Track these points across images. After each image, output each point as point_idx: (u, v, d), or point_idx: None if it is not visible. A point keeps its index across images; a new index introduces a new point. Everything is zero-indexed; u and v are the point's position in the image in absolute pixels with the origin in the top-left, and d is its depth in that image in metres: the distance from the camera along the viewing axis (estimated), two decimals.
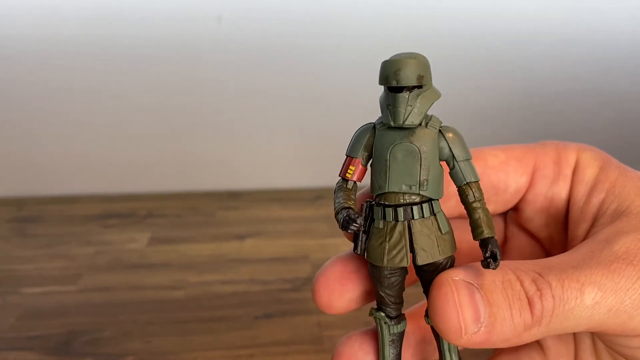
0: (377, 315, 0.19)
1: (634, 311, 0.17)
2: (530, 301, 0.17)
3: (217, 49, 0.74)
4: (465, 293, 0.17)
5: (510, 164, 0.22)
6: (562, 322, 0.17)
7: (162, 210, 0.71)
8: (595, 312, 0.17)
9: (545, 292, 0.17)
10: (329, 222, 0.66)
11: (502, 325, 0.17)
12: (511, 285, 0.17)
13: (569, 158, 0.22)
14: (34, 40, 0.72)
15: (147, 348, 0.40)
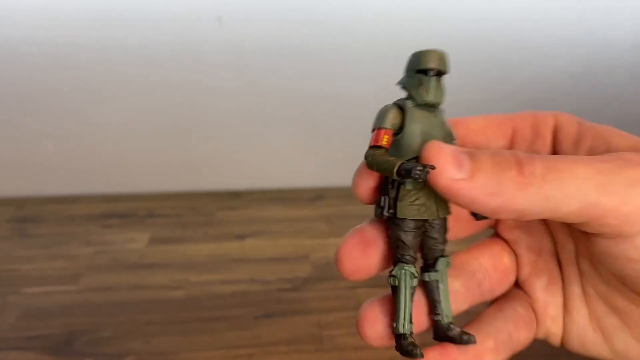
0: (401, 270, 0.21)
1: (626, 194, 0.18)
2: (519, 162, 0.18)
3: (217, 50, 0.75)
4: (452, 149, 0.19)
5: (489, 129, 0.24)
6: (554, 189, 0.18)
7: (162, 210, 0.71)
8: (586, 185, 0.18)
9: (535, 159, 0.18)
10: (328, 222, 0.66)
11: (484, 176, 0.18)
12: (500, 153, 0.19)
13: (547, 122, 0.24)
14: (34, 40, 0.72)
15: (147, 348, 0.40)
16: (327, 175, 0.82)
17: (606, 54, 0.82)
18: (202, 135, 0.78)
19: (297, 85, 0.78)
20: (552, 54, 0.81)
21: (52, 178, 0.77)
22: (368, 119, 0.26)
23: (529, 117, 0.24)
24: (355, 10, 0.75)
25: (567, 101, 0.84)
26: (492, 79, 0.81)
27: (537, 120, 0.24)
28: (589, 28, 0.80)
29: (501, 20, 0.78)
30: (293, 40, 0.75)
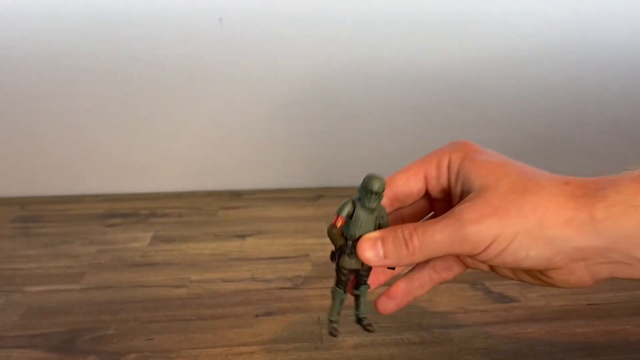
0: (336, 289, 0.34)
1: (461, 245, 0.29)
2: (406, 242, 0.31)
3: (218, 50, 0.75)
4: (370, 243, 0.31)
5: (410, 179, 0.34)
6: (428, 250, 0.30)
7: (164, 210, 0.72)
8: (443, 244, 0.30)
9: (413, 237, 0.30)
10: (329, 221, 0.66)
11: (391, 256, 0.31)
12: (396, 235, 0.31)
13: (444, 162, 0.33)
14: (37, 42, 0.72)
15: (149, 345, 0.40)
16: (328, 175, 0.82)
17: (605, 55, 0.82)
18: (203, 136, 0.79)
19: (298, 86, 0.78)
20: (552, 57, 0.81)
21: (55, 178, 0.78)
22: (368, 119, 0.27)
23: (434, 160, 0.34)
24: (357, 11, 0.76)
25: (567, 101, 0.84)
26: (493, 80, 0.81)
27: (439, 161, 0.34)
28: (589, 28, 0.80)
29: (501, 24, 0.79)
30: (294, 41, 0.76)
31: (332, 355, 0.39)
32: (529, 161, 0.35)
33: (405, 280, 0.36)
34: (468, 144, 0.34)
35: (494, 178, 0.30)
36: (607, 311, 0.45)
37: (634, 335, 0.42)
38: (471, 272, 0.52)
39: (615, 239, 0.28)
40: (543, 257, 0.29)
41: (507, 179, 0.30)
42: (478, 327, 0.43)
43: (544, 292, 0.48)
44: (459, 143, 0.34)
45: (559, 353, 0.39)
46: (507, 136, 0.84)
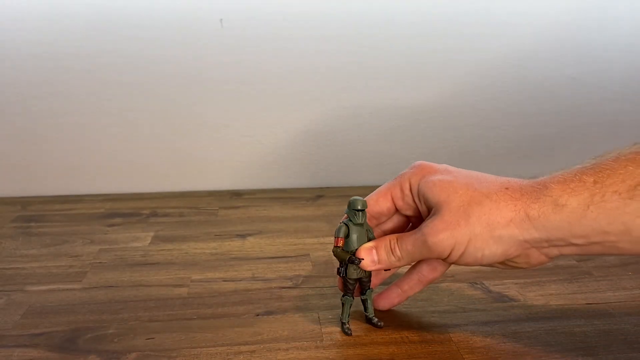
0: (346, 297, 0.42)
1: (430, 253, 0.37)
2: (393, 250, 0.39)
3: (218, 51, 0.75)
4: (367, 251, 0.40)
5: (380, 201, 0.42)
6: (408, 257, 0.39)
7: (165, 210, 0.72)
8: (415, 253, 0.38)
9: (395, 247, 0.39)
10: (329, 221, 0.67)
11: (383, 262, 0.40)
12: (385, 245, 0.40)
13: (406, 185, 0.41)
14: (37, 41, 0.72)
15: (150, 345, 0.41)
16: (328, 175, 0.83)
17: (604, 54, 0.82)
18: (204, 136, 0.79)
19: (298, 86, 0.78)
20: (551, 56, 0.81)
21: (56, 178, 0.78)
22: (369, 119, 0.27)
23: (397, 184, 0.41)
24: (357, 12, 0.76)
25: (566, 101, 0.84)
26: (493, 80, 0.81)
27: (401, 184, 0.41)
28: (588, 28, 0.80)
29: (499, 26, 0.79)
30: (294, 42, 0.76)
31: (332, 354, 0.39)
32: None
33: (397, 284, 0.44)
34: (423, 167, 0.41)
35: (445, 196, 0.37)
36: (606, 310, 0.45)
37: (633, 335, 0.42)
38: (471, 271, 0.52)
39: (549, 231, 0.35)
40: (497, 253, 0.36)
41: (455, 195, 0.37)
42: (477, 326, 0.43)
43: (543, 291, 0.49)
44: (415, 167, 0.41)
45: (558, 352, 0.39)
46: (506, 137, 0.84)
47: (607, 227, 0.34)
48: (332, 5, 0.75)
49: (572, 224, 0.34)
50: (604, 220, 0.34)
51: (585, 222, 0.34)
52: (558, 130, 0.84)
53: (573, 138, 0.85)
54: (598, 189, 0.34)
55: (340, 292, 0.43)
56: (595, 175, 0.34)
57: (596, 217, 0.34)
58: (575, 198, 0.34)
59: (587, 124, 0.85)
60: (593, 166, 0.35)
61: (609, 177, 0.34)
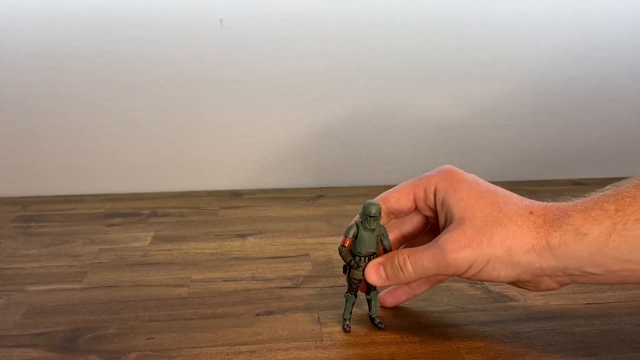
0: (349, 295, 0.43)
1: (447, 269, 0.37)
2: (401, 268, 0.39)
3: (218, 51, 0.75)
4: (375, 268, 0.40)
5: (401, 199, 0.42)
6: (421, 273, 0.38)
7: (165, 210, 0.72)
8: (431, 269, 0.38)
9: (407, 263, 0.38)
10: (328, 221, 0.67)
11: (391, 279, 0.40)
12: (393, 262, 0.39)
13: (431, 187, 0.40)
14: (37, 41, 0.72)
15: (150, 344, 0.41)
16: (328, 175, 0.83)
17: (604, 54, 0.82)
18: (204, 136, 0.79)
19: (299, 86, 0.78)
20: (551, 56, 0.81)
21: (56, 178, 0.78)
22: (368, 119, 0.27)
23: (422, 185, 0.41)
24: (357, 13, 0.76)
25: (566, 100, 0.84)
26: (493, 81, 0.81)
27: (426, 186, 0.40)
28: (587, 27, 0.80)
29: (498, 26, 0.79)
30: (293, 42, 0.76)
31: (332, 354, 0.39)
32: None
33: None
34: (453, 173, 0.40)
35: (471, 211, 0.37)
36: (605, 310, 0.45)
37: (633, 335, 0.42)
38: None
39: (568, 260, 0.35)
40: (512, 276, 0.37)
41: (480, 213, 0.37)
42: (477, 326, 0.43)
43: None
44: (445, 171, 0.41)
45: (558, 352, 0.39)
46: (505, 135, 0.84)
47: (629, 255, 0.33)
48: (332, 5, 0.75)
49: (593, 253, 0.34)
50: (626, 249, 0.33)
51: (607, 250, 0.34)
52: (558, 130, 0.84)
53: (573, 138, 0.85)
54: (620, 217, 0.34)
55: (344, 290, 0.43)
56: (617, 203, 0.34)
57: (618, 246, 0.33)
58: (597, 227, 0.34)
59: (587, 124, 0.85)
60: (614, 194, 0.35)
61: (631, 204, 0.34)
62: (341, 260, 0.41)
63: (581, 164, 0.86)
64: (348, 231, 0.40)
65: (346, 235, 0.40)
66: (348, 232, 0.40)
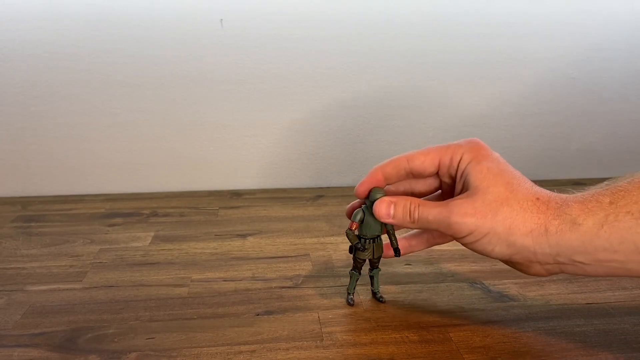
0: (353, 272, 0.46)
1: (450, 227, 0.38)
2: (410, 213, 0.40)
3: (218, 51, 0.75)
4: (387, 204, 0.41)
5: (426, 162, 0.42)
6: (424, 224, 0.40)
7: (165, 210, 0.72)
8: (433, 223, 0.39)
9: (416, 211, 0.40)
10: (329, 221, 0.67)
11: (399, 219, 0.41)
12: (404, 205, 0.41)
13: (456, 155, 0.41)
14: (37, 41, 0.72)
15: (150, 344, 0.41)
16: (328, 175, 0.83)
17: (604, 54, 0.82)
18: (204, 136, 0.79)
19: (299, 86, 0.78)
20: (551, 56, 0.81)
21: (56, 178, 0.78)
22: (368, 120, 0.27)
23: (449, 152, 0.42)
24: (358, 13, 0.76)
25: (566, 100, 0.84)
26: (494, 81, 0.81)
27: (453, 154, 0.42)
28: (587, 27, 0.80)
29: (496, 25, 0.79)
30: (294, 43, 0.76)
31: (332, 353, 0.39)
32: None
33: (405, 238, 0.47)
34: (479, 147, 0.42)
35: (486, 185, 0.39)
36: (605, 310, 0.45)
37: (633, 335, 0.42)
38: (471, 271, 0.52)
39: (561, 248, 0.37)
40: (505, 254, 0.38)
41: (494, 188, 0.38)
42: (477, 326, 0.43)
43: (543, 291, 0.49)
44: (473, 143, 0.42)
45: (558, 352, 0.39)
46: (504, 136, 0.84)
47: (618, 246, 0.35)
48: (332, 5, 0.75)
49: (585, 242, 0.36)
50: (616, 240, 0.35)
51: (597, 241, 0.35)
52: (558, 130, 0.85)
53: (573, 138, 0.85)
54: (612, 210, 0.35)
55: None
56: (611, 197, 0.36)
57: (608, 237, 0.35)
58: (592, 218, 0.36)
59: (587, 124, 0.85)
60: (610, 188, 0.37)
61: (623, 198, 0.36)
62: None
63: (581, 164, 0.86)
64: (355, 216, 0.43)
65: (353, 220, 0.43)
66: (355, 216, 0.43)
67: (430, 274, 0.52)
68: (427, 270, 0.53)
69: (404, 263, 0.54)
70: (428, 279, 0.51)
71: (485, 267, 0.53)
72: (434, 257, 0.56)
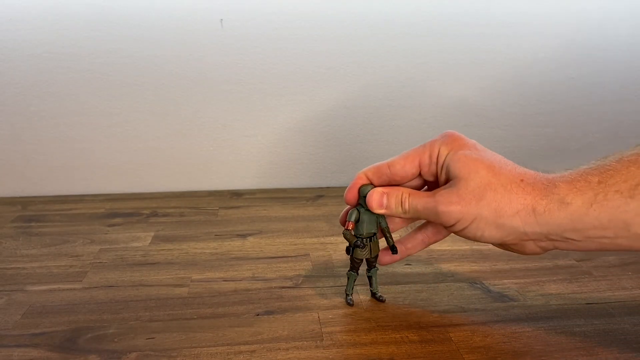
0: (351, 272, 0.46)
1: (437, 216, 0.39)
2: (402, 203, 0.41)
3: (218, 51, 0.75)
4: (379, 194, 0.42)
5: (406, 165, 0.42)
6: (417, 215, 0.41)
7: (165, 210, 0.72)
8: (422, 213, 0.40)
9: (405, 201, 0.41)
10: (328, 221, 0.67)
11: (391, 208, 0.42)
12: (396, 195, 0.42)
13: (434, 152, 0.42)
14: (38, 41, 0.72)
15: (150, 344, 0.41)
16: (328, 175, 0.83)
17: (604, 54, 0.82)
18: (204, 136, 0.79)
19: (299, 87, 0.78)
20: (551, 56, 0.81)
21: (56, 178, 0.78)
22: (368, 120, 0.27)
23: (427, 150, 0.42)
24: (358, 13, 0.76)
25: (566, 100, 0.84)
26: (497, 79, 0.81)
27: (431, 151, 0.42)
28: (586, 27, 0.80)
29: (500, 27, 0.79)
30: (293, 43, 0.76)
31: (332, 353, 0.39)
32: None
33: (400, 242, 0.46)
34: (455, 138, 0.42)
35: (466, 173, 0.39)
36: (605, 310, 0.45)
37: (633, 335, 0.42)
38: (471, 271, 0.52)
39: (551, 226, 0.37)
40: (496, 237, 0.39)
41: (475, 175, 0.39)
42: (477, 326, 0.43)
43: (543, 291, 0.49)
44: (448, 136, 0.42)
45: (558, 352, 0.39)
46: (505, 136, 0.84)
47: (608, 224, 0.36)
48: (332, 5, 0.75)
49: (574, 220, 0.36)
50: (605, 218, 0.35)
51: (587, 219, 0.36)
52: (558, 130, 0.85)
53: (573, 138, 0.85)
54: (601, 189, 0.36)
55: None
56: (600, 176, 0.37)
57: (598, 215, 0.36)
58: (580, 197, 0.36)
59: (587, 124, 0.85)
60: (598, 167, 0.38)
61: (612, 177, 0.36)
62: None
63: (581, 164, 0.86)
64: (350, 216, 0.44)
65: (349, 220, 0.44)
66: (350, 216, 0.43)
67: (430, 274, 0.52)
68: (427, 270, 0.53)
69: (403, 263, 0.54)
70: (428, 279, 0.51)
71: (485, 267, 0.53)
72: (434, 257, 0.56)
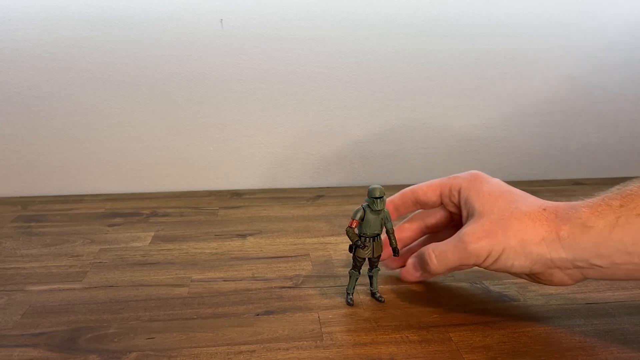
0: (353, 272, 0.46)
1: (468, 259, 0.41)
2: (426, 263, 0.44)
3: (218, 51, 0.75)
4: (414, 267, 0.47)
5: (428, 193, 0.47)
6: (446, 266, 0.43)
7: (165, 210, 0.72)
8: (454, 260, 0.42)
9: (432, 257, 0.43)
10: (329, 221, 0.67)
11: (422, 273, 0.46)
12: (422, 258, 0.44)
13: (456, 186, 0.45)
14: (37, 41, 0.72)
15: (150, 344, 0.41)
16: (328, 175, 0.83)
17: (604, 54, 0.82)
18: (204, 136, 0.79)
19: (299, 87, 0.78)
20: (551, 56, 0.81)
21: (56, 178, 0.78)
22: (368, 119, 0.27)
23: (449, 183, 0.46)
24: (359, 14, 0.76)
25: (566, 100, 0.84)
26: (495, 82, 0.81)
27: (452, 185, 0.45)
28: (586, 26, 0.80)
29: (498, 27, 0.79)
30: (294, 43, 0.76)
31: (332, 353, 0.39)
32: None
33: (410, 249, 0.50)
34: (478, 176, 0.45)
35: (489, 207, 0.41)
36: (605, 310, 0.45)
37: (633, 335, 0.42)
38: (471, 271, 0.52)
39: (576, 251, 0.38)
40: (525, 266, 0.40)
41: (498, 208, 0.41)
42: (477, 326, 0.43)
43: (543, 291, 0.49)
44: (471, 174, 0.45)
45: (558, 352, 0.39)
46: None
47: (631, 247, 0.36)
48: (332, 5, 0.75)
49: (598, 244, 0.37)
50: (629, 241, 0.36)
51: (611, 243, 0.36)
52: (558, 130, 0.85)
53: (573, 138, 0.85)
54: (623, 212, 0.36)
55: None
56: (621, 200, 0.37)
57: (621, 239, 0.36)
58: (602, 220, 0.37)
59: (586, 124, 0.85)
60: (619, 192, 0.38)
61: (633, 200, 0.36)
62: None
63: (581, 164, 0.86)
64: (355, 214, 0.44)
65: (353, 218, 0.44)
66: (355, 214, 0.44)
67: None
68: None
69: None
70: None
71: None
72: None
